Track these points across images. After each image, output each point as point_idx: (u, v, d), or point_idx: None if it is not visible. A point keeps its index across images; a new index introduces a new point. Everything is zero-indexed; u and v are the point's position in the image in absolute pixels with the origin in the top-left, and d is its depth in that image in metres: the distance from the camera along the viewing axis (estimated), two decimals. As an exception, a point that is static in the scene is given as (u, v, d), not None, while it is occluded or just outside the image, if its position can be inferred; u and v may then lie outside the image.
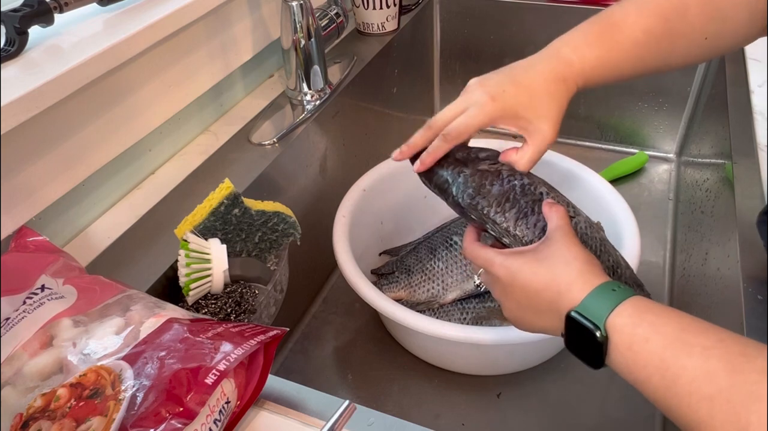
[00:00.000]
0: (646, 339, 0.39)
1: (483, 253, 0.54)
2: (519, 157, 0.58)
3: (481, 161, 0.59)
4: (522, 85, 0.56)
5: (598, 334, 0.41)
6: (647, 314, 0.41)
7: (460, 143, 0.58)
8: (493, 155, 0.60)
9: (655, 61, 0.58)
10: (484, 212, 0.56)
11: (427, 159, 0.59)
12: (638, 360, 0.39)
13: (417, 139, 0.60)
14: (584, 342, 0.42)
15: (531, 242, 0.54)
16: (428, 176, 0.61)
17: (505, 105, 0.56)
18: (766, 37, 0.57)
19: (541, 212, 0.54)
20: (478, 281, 0.60)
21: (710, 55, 0.59)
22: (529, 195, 0.56)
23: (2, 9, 0.60)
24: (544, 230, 0.53)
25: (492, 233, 0.56)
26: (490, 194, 0.56)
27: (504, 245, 0.56)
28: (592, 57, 0.56)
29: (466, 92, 0.59)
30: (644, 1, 0.57)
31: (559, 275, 0.46)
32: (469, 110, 0.57)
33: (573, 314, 0.43)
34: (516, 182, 0.57)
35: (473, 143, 0.61)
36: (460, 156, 0.59)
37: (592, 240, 0.55)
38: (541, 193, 0.56)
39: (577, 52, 0.57)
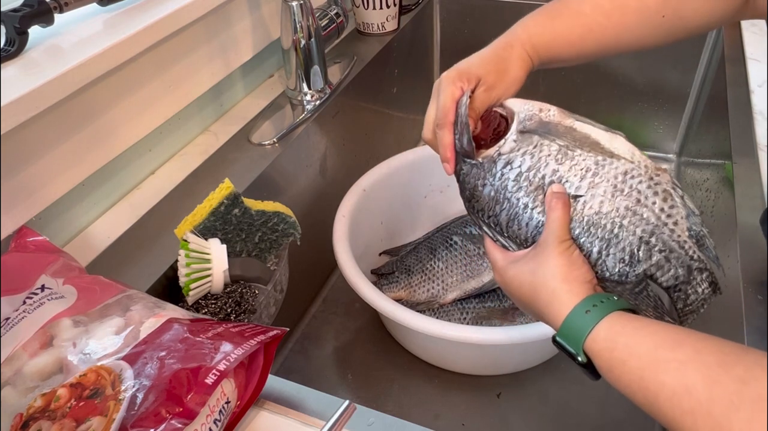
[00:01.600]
0: (624, 362, 0.40)
1: (491, 254, 0.56)
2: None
3: (476, 149, 0.56)
4: (478, 55, 0.60)
5: (579, 359, 0.43)
6: (621, 336, 0.42)
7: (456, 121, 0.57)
8: (494, 127, 0.57)
9: (607, 36, 0.60)
10: (479, 215, 0.56)
11: (446, 154, 0.57)
12: (620, 380, 0.41)
13: (444, 141, 0.58)
14: (567, 353, 0.45)
15: (526, 240, 0.53)
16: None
17: (460, 69, 0.58)
18: (765, 37, 0.57)
19: (537, 204, 0.52)
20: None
21: (674, 37, 0.60)
22: (524, 188, 0.53)
23: (2, 9, 0.60)
24: (538, 226, 0.52)
25: (489, 235, 0.55)
26: (481, 196, 0.55)
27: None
28: (535, 26, 0.61)
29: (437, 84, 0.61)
30: None
31: (540, 292, 0.48)
32: (441, 90, 0.58)
33: (557, 339, 0.46)
34: (510, 173, 0.53)
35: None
36: (458, 147, 0.57)
37: (609, 217, 0.50)
38: (543, 176, 0.52)
39: (521, 25, 0.62)
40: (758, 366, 0.34)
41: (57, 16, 0.63)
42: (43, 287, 0.50)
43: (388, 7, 1.06)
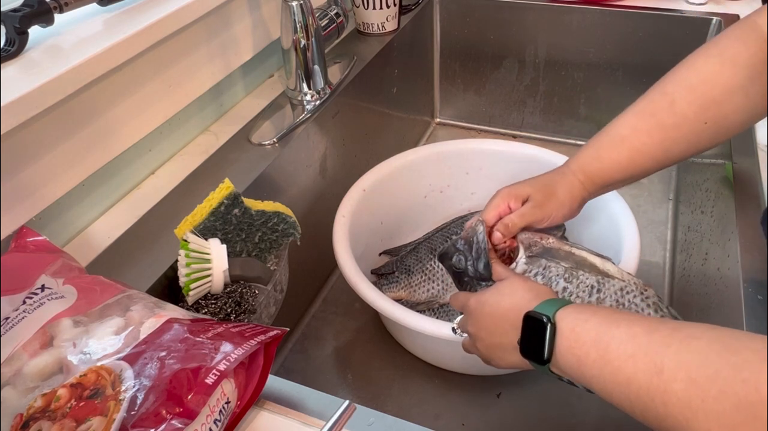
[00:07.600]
0: (586, 320, 0.47)
1: (461, 296, 0.63)
2: (511, 216, 0.67)
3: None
4: (531, 178, 0.68)
5: (545, 319, 0.49)
6: (587, 307, 0.49)
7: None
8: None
9: (657, 152, 0.62)
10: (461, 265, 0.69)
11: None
12: (579, 339, 0.46)
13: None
14: (535, 334, 0.49)
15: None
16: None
17: (512, 188, 0.67)
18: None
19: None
20: (456, 328, 0.67)
21: (724, 136, 0.61)
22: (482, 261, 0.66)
23: (2, 9, 0.60)
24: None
25: (471, 276, 0.67)
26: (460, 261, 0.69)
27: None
28: (584, 158, 0.66)
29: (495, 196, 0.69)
30: (630, 108, 0.65)
31: (519, 300, 0.54)
32: (491, 203, 0.68)
33: (529, 312, 0.51)
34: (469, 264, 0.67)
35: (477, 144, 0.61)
36: (472, 272, 0.68)
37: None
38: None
39: (573, 159, 0.67)
40: (693, 325, 0.41)
41: (57, 16, 0.63)
42: (43, 287, 0.50)
43: (388, 7, 1.06)
